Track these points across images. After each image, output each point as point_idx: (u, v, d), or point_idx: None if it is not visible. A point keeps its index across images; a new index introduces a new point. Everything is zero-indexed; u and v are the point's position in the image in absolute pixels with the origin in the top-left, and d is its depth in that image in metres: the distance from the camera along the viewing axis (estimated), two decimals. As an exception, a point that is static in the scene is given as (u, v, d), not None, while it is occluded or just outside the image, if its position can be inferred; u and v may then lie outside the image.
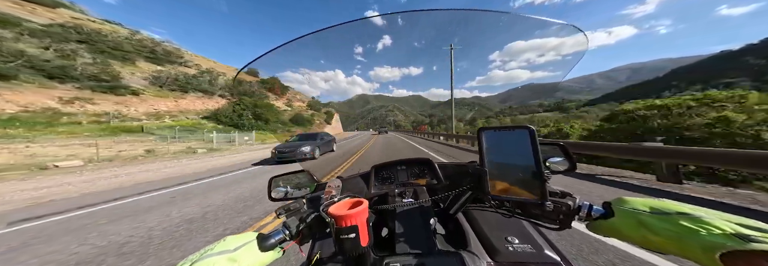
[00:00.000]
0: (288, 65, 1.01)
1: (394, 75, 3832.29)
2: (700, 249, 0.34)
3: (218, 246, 0.43)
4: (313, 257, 0.69)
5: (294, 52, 0.91)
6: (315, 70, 1.77)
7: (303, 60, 1.02)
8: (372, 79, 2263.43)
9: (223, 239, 0.46)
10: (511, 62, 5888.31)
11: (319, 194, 0.85)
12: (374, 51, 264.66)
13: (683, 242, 0.36)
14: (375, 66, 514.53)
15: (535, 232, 0.74)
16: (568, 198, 0.52)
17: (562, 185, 3.48)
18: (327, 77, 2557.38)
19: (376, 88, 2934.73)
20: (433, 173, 1.02)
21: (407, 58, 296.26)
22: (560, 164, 0.77)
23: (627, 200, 0.46)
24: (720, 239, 0.33)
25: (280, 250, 0.50)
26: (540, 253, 0.63)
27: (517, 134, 0.50)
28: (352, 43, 1.25)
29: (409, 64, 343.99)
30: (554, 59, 76.37)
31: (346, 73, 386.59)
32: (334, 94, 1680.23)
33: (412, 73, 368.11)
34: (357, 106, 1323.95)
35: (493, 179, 0.52)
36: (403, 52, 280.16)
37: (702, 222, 0.36)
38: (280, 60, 0.92)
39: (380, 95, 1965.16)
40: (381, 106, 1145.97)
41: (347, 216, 0.47)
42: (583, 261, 1.81)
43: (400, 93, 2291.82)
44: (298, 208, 0.61)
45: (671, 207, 0.41)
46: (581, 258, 1.85)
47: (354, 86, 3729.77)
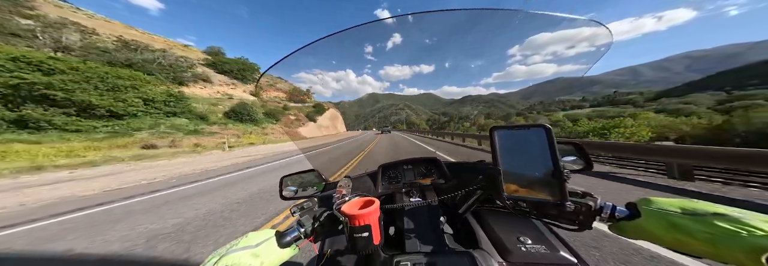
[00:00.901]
0: (303, 66, 1.05)
1: (404, 73, 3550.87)
2: (742, 251, 0.32)
3: (242, 242, 0.45)
4: (325, 254, 0.70)
5: (308, 54, 0.94)
6: (327, 71, 1.75)
7: (316, 61, 1.04)
8: (382, 78, 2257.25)
9: (245, 235, 0.48)
10: (534, 56, 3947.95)
11: (329, 193, 0.86)
12: (384, 50, 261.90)
13: (721, 244, 0.34)
14: (385, 65, 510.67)
15: (549, 233, 0.72)
16: (589, 198, 0.50)
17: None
18: (338, 77, 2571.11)
19: (386, 87, 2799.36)
20: (440, 172, 1.02)
21: (418, 56, 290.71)
22: (575, 163, 0.76)
23: (654, 200, 0.44)
24: (765, 240, 0.31)
25: (296, 247, 0.52)
26: (555, 254, 0.62)
27: (533, 133, 0.50)
28: (363, 44, 1.27)
29: (421, 62, 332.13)
30: (584, 51, 70.81)
31: (357, 73, 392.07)
32: (345, 94, 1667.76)
33: (423, 70, 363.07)
34: (367, 105, 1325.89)
35: (508, 179, 0.52)
36: (414, 51, 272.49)
37: (741, 224, 0.34)
38: (297, 62, 0.95)
39: (390, 94, 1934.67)
40: (391, 104, 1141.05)
41: (360, 216, 0.48)
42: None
43: (410, 91, 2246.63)
44: (311, 207, 0.63)
45: (705, 207, 0.39)
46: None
47: (364, 85, 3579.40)
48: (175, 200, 4.37)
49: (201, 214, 3.45)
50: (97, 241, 2.72)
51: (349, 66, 2.31)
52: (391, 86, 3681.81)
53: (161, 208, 3.88)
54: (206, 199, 4.27)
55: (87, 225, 3.28)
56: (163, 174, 7.31)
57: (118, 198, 4.66)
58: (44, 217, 3.74)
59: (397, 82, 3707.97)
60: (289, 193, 1.01)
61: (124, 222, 3.33)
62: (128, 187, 5.76)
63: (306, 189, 1.02)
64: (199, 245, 2.44)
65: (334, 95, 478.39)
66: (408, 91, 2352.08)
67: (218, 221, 3.13)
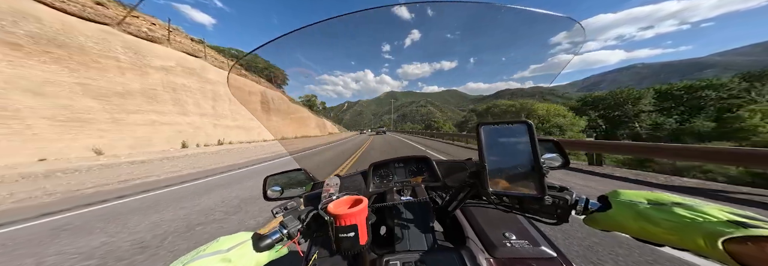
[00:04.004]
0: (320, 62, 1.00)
1: (423, 71, 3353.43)
2: (700, 237, 0.36)
3: (211, 247, 0.44)
4: (312, 256, 0.71)
5: (318, 42, 0.92)
6: (346, 72, 1.82)
7: (337, 62, 1.15)
8: (400, 76, 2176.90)
9: (216, 240, 0.46)
10: (589, 43, 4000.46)
11: (316, 192, 0.86)
12: (402, 48, 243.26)
13: (683, 231, 0.38)
14: (403, 63, 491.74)
15: (532, 228, 0.77)
16: (566, 192, 0.53)
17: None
18: (357, 78, 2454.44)
19: (404, 85, 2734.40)
20: (430, 170, 1.05)
21: (438, 53, 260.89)
22: (554, 160, 0.82)
23: (623, 192, 0.49)
24: (720, 226, 0.35)
25: (278, 250, 0.51)
26: (537, 249, 0.66)
27: (516, 129, 0.52)
28: (380, 41, 1.25)
29: (441, 59, 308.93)
30: (670, 31, 51.58)
31: (375, 73, 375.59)
32: (363, 94, 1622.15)
33: (444, 67, 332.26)
34: (385, 104, 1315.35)
35: (493, 174, 0.53)
36: (433, 47, 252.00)
37: (699, 212, 0.38)
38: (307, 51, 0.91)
39: (409, 92, 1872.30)
40: (411, 102, 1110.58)
41: (347, 215, 0.49)
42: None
43: (430, 89, 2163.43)
44: (296, 207, 0.61)
45: (666, 198, 0.44)
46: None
47: (383, 85, 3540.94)
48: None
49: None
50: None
51: (367, 66, 2.52)
52: (410, 84, 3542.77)
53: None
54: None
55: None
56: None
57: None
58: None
59: (416, 80, 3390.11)
60: (275, 194, 1.00)
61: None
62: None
63: (293, 189, 1.03)
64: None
65: (353, 96, 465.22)
66: (427, 88, 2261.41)
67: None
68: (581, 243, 2.13)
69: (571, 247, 2.08)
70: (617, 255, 1.95)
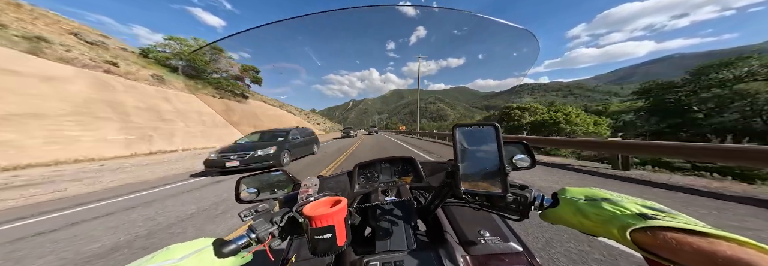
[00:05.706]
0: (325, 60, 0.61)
1: (429, 69, 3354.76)
2: (615, 228, 0.39)
3: (158, 256, 0.41)
4: (289, 259, 0.72)
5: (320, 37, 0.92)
6: (352, 71, 1.42)
7: (342, 62, 0.77)
8: (405, 74, 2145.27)
9: (166, 248, 0.43)
10: (613, 34, 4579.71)
11: (294, 194, 0.79)
12: (407, 45, 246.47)
13: (607, 224, 0.41)
14: (409, 61, 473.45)
15: (503, 225, 0.81)
16: (526, 189, 0.56)
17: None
18: (363, 77, 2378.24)
19: (410, 84, 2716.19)
20: (415, 171, 1.08)
21: (445, 50, 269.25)
22: (524, 161, 0.91)
23: (569, 189, 0.52)
24: (630, 219, 0.39)
25: (243, 255, 0.49)
26: (507, 244, 0.70)
27: (486, 131, 0.54)
28: (384, 39, 1.16)
29: (448, 56, 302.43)
30: (710, 18, 43.74)
31: (380, 71, 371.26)
32: (369, 93, 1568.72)
33: (450, 64, 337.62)
34: (391, 102, 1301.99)
35: (466, 174, 0.55)
36: (440, 43, 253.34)
37: (618, 206, 0.43)
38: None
39: (416, 89, 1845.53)
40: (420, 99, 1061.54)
41: (323, 216, 0.48)
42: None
43: (437, 87, 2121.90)
44: (268, 209, 0.59)
45: (598, 193, 0.48)
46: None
47: (388, 84, 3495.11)
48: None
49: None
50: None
51: (372, 65, 3.33)
52: (415, 82, 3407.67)
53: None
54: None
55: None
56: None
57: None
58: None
59: (422, 77, 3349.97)
60: (250, 196, 0.97)
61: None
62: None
63: (271, 191, 1.00)
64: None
65: (359, 95, 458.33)
66: (433, 86, 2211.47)
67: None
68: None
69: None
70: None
